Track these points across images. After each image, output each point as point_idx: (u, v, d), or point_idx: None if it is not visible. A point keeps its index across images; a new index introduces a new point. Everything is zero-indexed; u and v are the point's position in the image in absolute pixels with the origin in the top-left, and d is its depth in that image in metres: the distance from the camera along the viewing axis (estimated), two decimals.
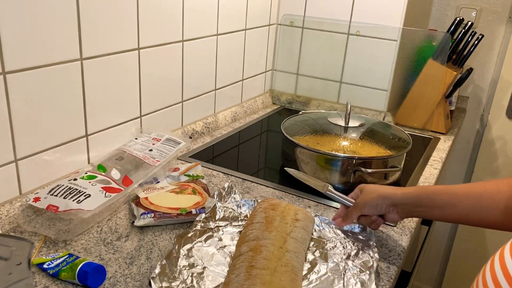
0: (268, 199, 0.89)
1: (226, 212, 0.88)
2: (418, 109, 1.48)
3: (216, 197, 0.90)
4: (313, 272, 0.74)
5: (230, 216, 0.87)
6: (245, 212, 0.89)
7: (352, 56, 1.51)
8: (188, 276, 0.70)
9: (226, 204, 0.90)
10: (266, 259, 0.69)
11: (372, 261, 0.76)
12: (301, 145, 1.06)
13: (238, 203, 0.91)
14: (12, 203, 0.83)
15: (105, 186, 0.87)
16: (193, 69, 1.25)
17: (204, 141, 1.31)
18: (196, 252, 0.75)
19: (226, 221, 0.86)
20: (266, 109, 1.66)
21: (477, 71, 1.83)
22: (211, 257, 0.75)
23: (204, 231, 0.81)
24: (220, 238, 0.81)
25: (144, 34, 1.04)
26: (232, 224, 0.85)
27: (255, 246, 0.72)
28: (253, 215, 0.83)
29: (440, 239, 2.06)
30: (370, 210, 0.82)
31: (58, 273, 0.70)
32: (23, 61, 0.79)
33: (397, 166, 1.07)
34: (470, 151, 1.93)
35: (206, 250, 0.76)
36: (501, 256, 0.52)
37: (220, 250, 0.77)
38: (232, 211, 0.88)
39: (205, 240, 0.79)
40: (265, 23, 1.55)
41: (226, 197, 0.92)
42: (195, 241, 0.78)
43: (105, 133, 1.01)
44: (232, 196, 0.93)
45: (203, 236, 0.80)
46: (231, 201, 0.92)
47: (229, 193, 0.93)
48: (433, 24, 1.85)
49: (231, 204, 0.91)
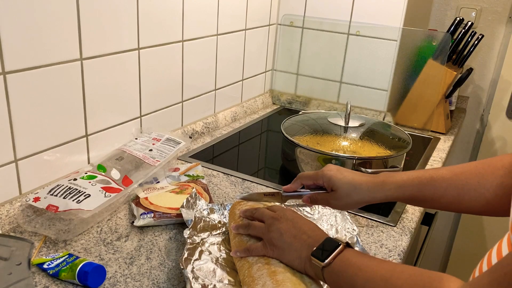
0: (240, 202, 0.84)
1: (202, 222, 0.83)
2: (418, 109, 1.48)
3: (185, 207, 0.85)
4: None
5: (209, 225, 0.83)
6: (218, 218, 0.85)
7: (352, 56, 1.51)
8: None
9: (198, 214, 0.85)
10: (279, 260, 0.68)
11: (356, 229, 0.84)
12: (301, 145, 1.06)
13: (207, 210, 0.86)
14: (12, 203, 0.83)
15: (105, 186, 0.87)
16: (193, 69, 1.25)
17: (204, 141, 1.31)
18: (199, 272, 0.72)
19: (207, 231, 0.82)
20: (266, 109, 1.66)
21: (477, 71, 1.83)
22: (214, 273, 0.73)
23: (195, 248, 0.77)
24: (210, 251, 0.77)
25: (144, 34, 1.04)
26: (212, 234, 0.82)
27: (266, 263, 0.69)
28: (235, 220, 0.79)
29: (440, 239, 2.06)
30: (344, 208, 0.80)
31: (58, 273, 0.70)
32: (23, 61, 0.79)
33: (397, 166, 1.07)
34: (470, 151, 1.92)
35: (206, 267, 0.73)
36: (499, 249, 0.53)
37: (217, 264, 0.75)
38: (208, 220, 0.84)
39: (199, 257, 0.75)
40: (265, 23, 1.55)
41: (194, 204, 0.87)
42: (192, 260, 0.74)
43: (105, 133, 1.01)
44: (197, 202, 0.87)
45: (196, 254, 0.76)
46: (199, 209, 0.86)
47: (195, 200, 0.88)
48: (433, 24, 1.85)
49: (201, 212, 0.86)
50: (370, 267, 0.58)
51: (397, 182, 0.73)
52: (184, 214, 0.84)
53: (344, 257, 0.61)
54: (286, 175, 1.15)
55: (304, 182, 0.81)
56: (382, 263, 0.59)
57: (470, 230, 1.96)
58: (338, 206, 0.78)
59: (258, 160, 1.25)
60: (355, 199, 0.75)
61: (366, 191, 0.75)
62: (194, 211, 0.85)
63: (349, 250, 0.62)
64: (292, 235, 0.67)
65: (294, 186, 0.82)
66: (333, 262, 0.61)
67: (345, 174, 0.76)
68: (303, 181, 0.81)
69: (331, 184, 0.77)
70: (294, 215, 0.71)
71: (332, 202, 0.78)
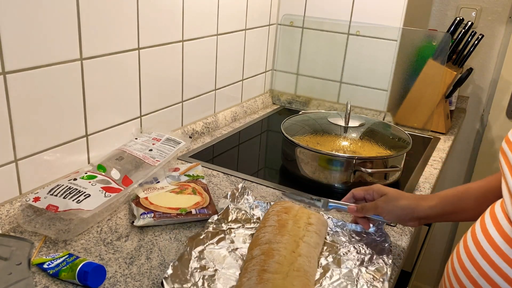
0: (281, 201, 0.88)
1: (239, 214, 0.87)
2: (418, 109, 1.48)
3: (229, 198, 0.90)
4: (325, 278, 0.73)
5: (243, 218, 0.86)
6: (258, 214, 0.89)
7: (352, 56, 1.51)
8: (200, 278, 0.70)
9: (239, 205, 0.90)
10: (278, 263, 0.68)
11: (386, 268, 0.75)
12: (301, 145, 1.06)
13: (251, 205, 0.91)
14: (12, 203, 0.83)
15: (105, 186, 0.87)
16: (193, 69, 1.25)
17: (204, 141, 1.31)
18: (208, 254, 0.75)
19: (239, 223, 0.85)
20: (266, 109, 1.66)
21: (477, 71, 1.82)
22: (223, 260, 0.75)
23: (216, 233, 0.80)
24: (232, 241, 0.80)
25: (144, 34, 1.04)
26: (245, 227, 0.85)
27: (267, 249, 0.71)
28: (266, 218, 0.83)
29: (440, 239, 2.06)
30: (391, 218, 0.82)
31: (58, 273, 0.70)
32: (23, 61, 0.79)
33: (397, 166, 1.07)
34: (470, 151, 1.92)
35: (218, 252, 0.76)
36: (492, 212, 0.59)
37: (232, 253, 0.77)
38: (245, 213, 0.88)
39: (217, 242, 0.78)
40: (265, 23, 1.55)
41: (239, 198, 0.92)
42: (207, 243, 0.77)
43: (105, 133, 1.01)
44: (245, 197, 0.92)
45: (215, 238, 0.79)
46: (244, 203, 0.91)
47: (242, 194, 0.92)
48: (433, 24, 1.85)
49: (244, 205, 0.90)
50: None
51: (439, 195, 0.80)
52: (220, 203, 0.90)
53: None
54: (286, 175, 1.15)
55: (355, 192, 0.87)
56: None
57: None
58: (385, 211, 0.81)
59: (258, 160, 1.25)
60: (402, 203, 0.80)
61: (412, 199, 0.80)
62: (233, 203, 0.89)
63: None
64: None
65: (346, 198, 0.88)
66: None
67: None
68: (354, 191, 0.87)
69: (381, 191, 0.83)
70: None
71: (380, 206, 0.81)
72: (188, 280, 0.69)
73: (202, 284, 0.69)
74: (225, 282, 0.70)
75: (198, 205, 0.90)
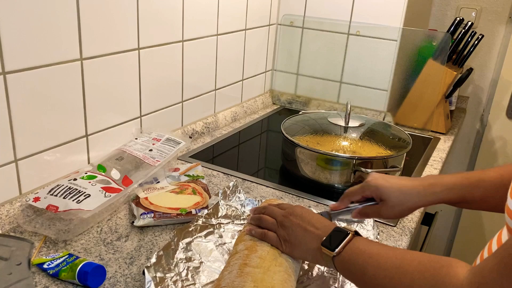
0: (270, 200, 0.89)
1: (229, 210, 0.88)
2: (418, 109, 1.48)
3: (220, 195, 0.91)
4: (309, 273, 0.74)
5: (233, 215, 0.88)
6: (248, 211, 0.90)
7: (352, 56, 1.51)
8: (184, 269, 0.70)
9: (230, 202, 0.91)
10: (261, 258, 0.69)
11: None
12: (301, 145, 1.06)
13: (242, 202, 0.92)
14: (12, 203, 0.83)
15: (105, 186, 0.87)
16: (193, 69, 1.25)
17: (204, 141, 1.31)
18: (195, 246, 0.76)
19: (228, 219, 0.86)
20: (266, 109, 1.66)
21: (477, 71, 1.83)
22: (209, 253, 0.76)
23: (205, 227, 0.81)
24: (221, 235, 0.81)
25: (144, 34, 1.04)
26: (234, 222, 0.86)
27: (251, 245, 0.72)
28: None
29: (440, 239, 2.06)
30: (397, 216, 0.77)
31: (58, 273, 0.70)
32: (23, 61, 0.79)
33: (397, 166, 1.07)
34: (470, 151, 1.93)
35: (205, 246, 0.77)
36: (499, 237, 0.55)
37: (219, 247, 0.78)
38: (235, 210, 0.89)
39: (205, 235, 0.79)
40: (265, 23, 1.55)
41: (231, 195, 0.93)
42: (195, 235, 0.78)
43: (105, 133, 1.01)
44: (237, 195, 0.94)
45: (204, 232, 0.80)
46: (236, 200, 0.92)
47: (233, 192, 0.94)
48: (433, 24, 1.85)
49: (235, 203, 0.91)
50: (380, 255, 0.59)
51: (447, 184, 0.72)
52: (210, 200, 0.91)
53: (354, 246, 0.61)
54: (286, 175, 1.15)
55: (352, 199, 0.79)
56: (392, 250, 0.59)
57: (470, 230, 1.96)
58: (391, 216, 0.76)
59: (258, 160, 1.25)
60: (408, 206, 0.74)
61: (417, 196, 0.73)
62: (223, 200, 0.89)
63: (358, 239, 0.63)
64: (302, 229, 0.68)
65: (342, 204, 0.79)
66: (343, 251, 0.61)
67: (391, 182, 0.75)
68: (351, 198, 0.79)
69: (379, 194, 0.75)
70: (302, 210, 0.72)
71: (384, 212, 0.76)
72: (172, 270, 0.69)
73: (186, 275, 0.69)
74: (209, 275, 0.71)
75: (198, 205, 0.90)
